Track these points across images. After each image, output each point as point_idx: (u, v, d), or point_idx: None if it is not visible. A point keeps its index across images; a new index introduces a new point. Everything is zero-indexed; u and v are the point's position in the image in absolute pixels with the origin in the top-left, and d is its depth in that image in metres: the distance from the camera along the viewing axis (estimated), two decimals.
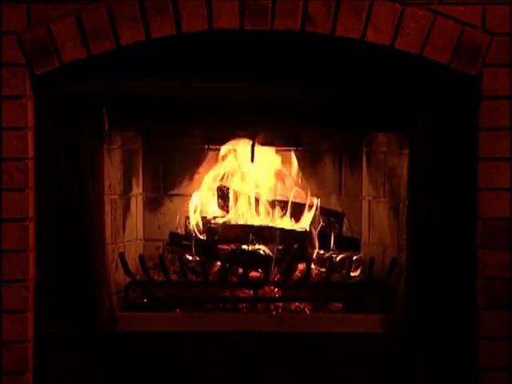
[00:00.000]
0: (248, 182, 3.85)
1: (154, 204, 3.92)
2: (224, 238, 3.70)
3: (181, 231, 3.83)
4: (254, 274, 3.61)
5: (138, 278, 3.59)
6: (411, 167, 3.32)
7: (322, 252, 3.70)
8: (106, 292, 3.30)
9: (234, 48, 3.17)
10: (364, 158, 3.83)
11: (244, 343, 3.26)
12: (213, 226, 3.76)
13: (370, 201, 3.82)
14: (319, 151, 3.90)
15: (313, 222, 3.77)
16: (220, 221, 3.80)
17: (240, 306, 3.52)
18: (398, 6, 3.07)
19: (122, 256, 3.56)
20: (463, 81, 3.13)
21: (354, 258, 3.68)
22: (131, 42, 3.09)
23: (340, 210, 3.84)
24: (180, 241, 3.78)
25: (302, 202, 3.79)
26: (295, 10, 3.06)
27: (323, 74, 3.21)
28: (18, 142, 3.12)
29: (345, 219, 3.82)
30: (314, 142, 3.87)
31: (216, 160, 3.86)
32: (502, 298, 3.14)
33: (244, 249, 3.67)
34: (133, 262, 3.62)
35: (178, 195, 3.91)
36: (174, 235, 3.81)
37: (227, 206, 3.83)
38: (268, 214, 3.79)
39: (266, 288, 3.56)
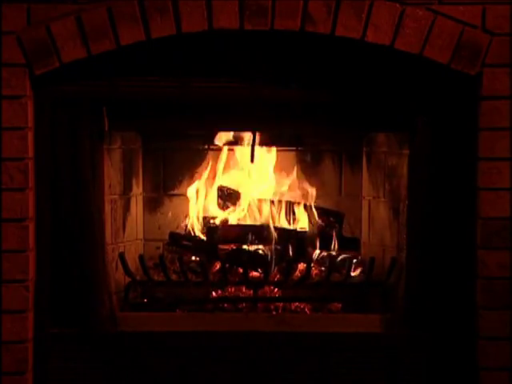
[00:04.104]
0: (248, 182, 3.85)
1: (153, 204, 3.92)
2: (224, 238, 3.71)
3: (181, 231, 3.83)
4: (254, 273, 3.61)
5: (138, 278, 3.59)
6: (411, 167, 3.32)
7: (322, 252, 3.70)
8: (106, 292, 3.30)
9: (234, 48, 3.17)
10: (364, 158, 3.83)
11: (244, 343, 3.26)
12: (213, 225, 3.76)
13: (369, 201, 3.82)
14: (319, 151, 3.90)
15: (313, 222, 3.77)
16: (220, 221, 3.80)
17: (240, 305, 3.51)
18: (398, 5, 3.08)
19: (121, 256, 3.56)
20: (463, 81, 3.13)
21: (354, 257, 3.68)
22: (131, 41, 3.08)
23: (340, 210, 3.84)
24: (180, 241, 3.78)
25: (302, 202, 3.79)
26: (295, 10, 3.06)
27: (323, 74, 3.21)
28: (18, 142, 3.12)
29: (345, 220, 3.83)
30: (314, 142, 3.87)
31: (216, 160, 3.86)
32: (502, 298, 3.14)
33: (244, 249, 3.67)
34: (133, 262, 3.62)
35: (177, 195, 3.90)
36: (173, 235, 3.81)
37: (227, 206, 3.83)
38: (268, 213, 3.79)
39: (266, 288, 3.55)
